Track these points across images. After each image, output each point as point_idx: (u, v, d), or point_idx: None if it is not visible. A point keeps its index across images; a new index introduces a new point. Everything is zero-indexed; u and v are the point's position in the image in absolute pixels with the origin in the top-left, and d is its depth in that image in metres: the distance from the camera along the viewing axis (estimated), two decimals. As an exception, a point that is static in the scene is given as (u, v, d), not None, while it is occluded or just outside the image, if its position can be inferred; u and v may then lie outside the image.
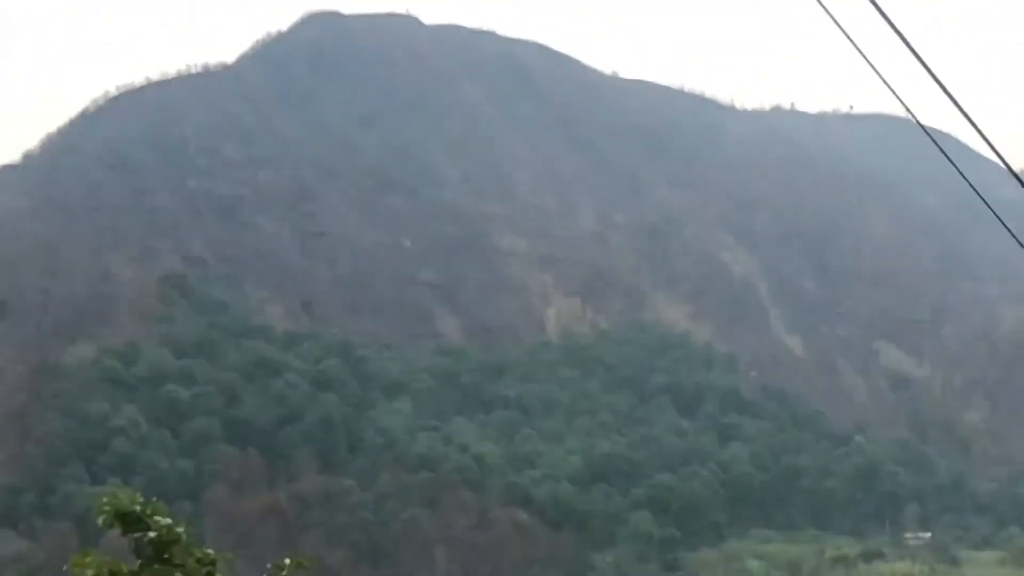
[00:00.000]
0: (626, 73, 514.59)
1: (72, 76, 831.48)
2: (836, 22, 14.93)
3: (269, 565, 19.07)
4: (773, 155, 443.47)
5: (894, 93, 15.72)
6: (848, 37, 15.24)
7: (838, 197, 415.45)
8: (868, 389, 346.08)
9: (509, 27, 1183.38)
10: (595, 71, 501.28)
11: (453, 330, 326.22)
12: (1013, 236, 17.35)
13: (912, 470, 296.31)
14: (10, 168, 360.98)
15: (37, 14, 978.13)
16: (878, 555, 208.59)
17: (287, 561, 19.04)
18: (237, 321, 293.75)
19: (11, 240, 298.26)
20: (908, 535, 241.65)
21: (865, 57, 15.15)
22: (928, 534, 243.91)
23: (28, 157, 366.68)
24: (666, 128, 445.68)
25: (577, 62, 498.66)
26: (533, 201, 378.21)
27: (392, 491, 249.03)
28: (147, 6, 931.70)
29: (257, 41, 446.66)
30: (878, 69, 15.22)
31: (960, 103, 15.06)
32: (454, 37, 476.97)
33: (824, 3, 14.18)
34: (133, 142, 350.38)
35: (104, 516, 19.07)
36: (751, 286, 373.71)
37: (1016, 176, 15.96)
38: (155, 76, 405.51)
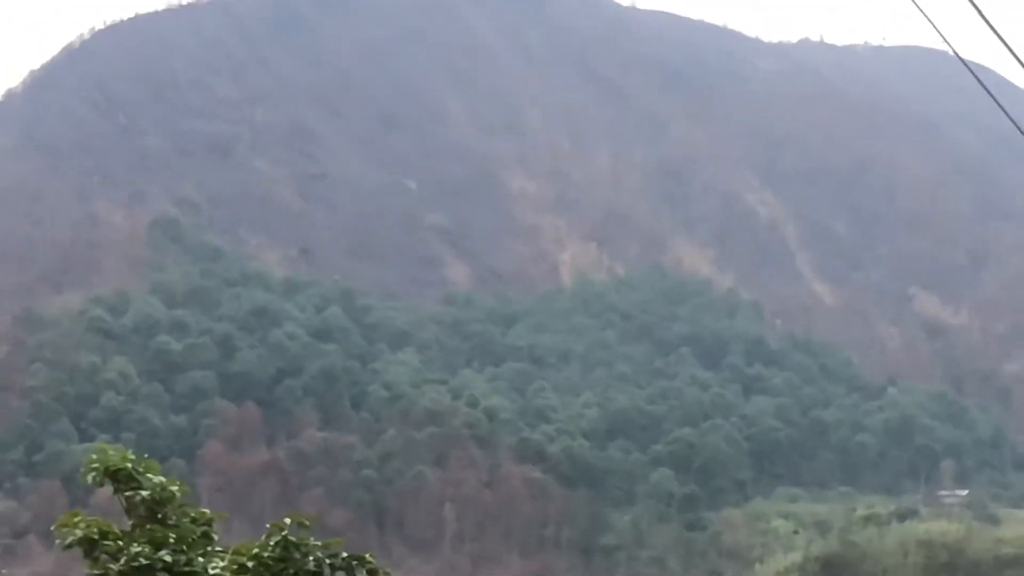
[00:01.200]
0: (644, 3, 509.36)
1: (55, 8, 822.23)
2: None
3: (268, 524, 18.64)
4: (800, 90, 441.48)
5: (931, 22, 14.98)
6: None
7: (869, 135, 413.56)
8: (902, 338, 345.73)
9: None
10: (611, 0, 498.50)
11: (461, 277, 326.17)
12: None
13: (948, 424, 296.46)
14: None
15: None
16: (912, 513, 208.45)
17: (287, 520, 18.61)
18: (232, 268, 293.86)
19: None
20: (943, 493, 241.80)
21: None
22: (965, 491, 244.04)
23: (10, 95, 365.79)
24: (686, 62, 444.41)
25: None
26: (545, 139, 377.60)
27: (398, 447, 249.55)
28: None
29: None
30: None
31: (1000, 32, 14.44)
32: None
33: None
34: (121, 79, 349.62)
35: (93, 474, 18.71)
36: (777, 229, 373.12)
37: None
38: (143, 8, 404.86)
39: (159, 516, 18.36)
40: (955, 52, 16.57)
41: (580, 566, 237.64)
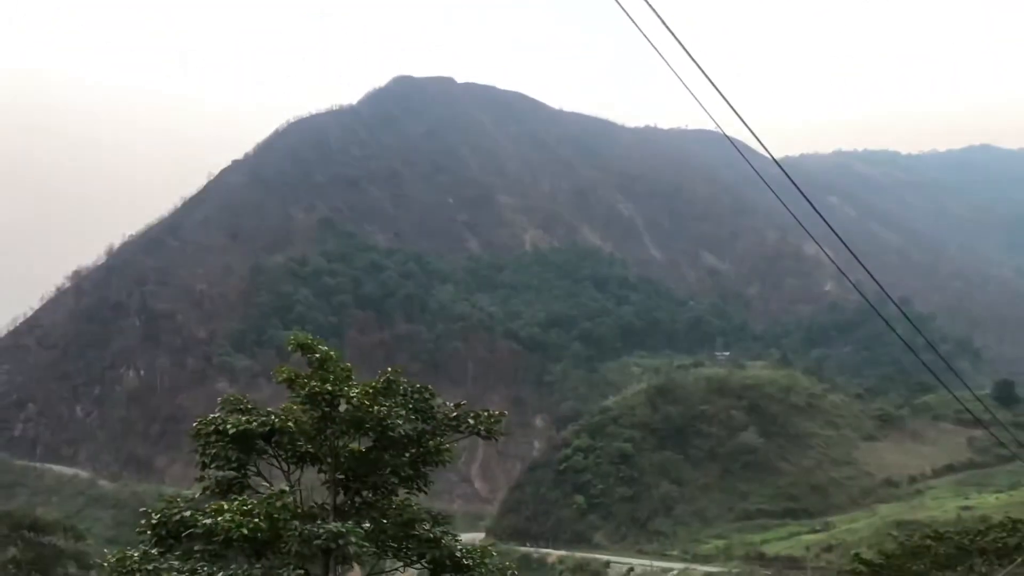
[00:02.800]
0: (567, 107, 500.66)
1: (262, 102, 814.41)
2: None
3: (380, 372, 18.74)
4: (649, 155, 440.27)
5: (699, 102, 14.08)
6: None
7: (681, 178, 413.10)
8: (696, 275, 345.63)
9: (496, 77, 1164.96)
10: (547, 107, 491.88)
11: (475, 247, 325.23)
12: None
13: (720, 319, 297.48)
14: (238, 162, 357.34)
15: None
16: (701, 364, 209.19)
17: (389, 369, 18.75)
18: (360, 243, 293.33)
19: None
20: (717, 354, 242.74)
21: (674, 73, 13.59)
22: (727, 353, 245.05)
23: (246, 156, 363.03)
24: (595, 142, 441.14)
25: (539, 102, 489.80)
26: (520, 178, 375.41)
27: (444, 333, 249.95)
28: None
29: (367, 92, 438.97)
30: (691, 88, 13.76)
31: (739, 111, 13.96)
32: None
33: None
34: (303, 149, 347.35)
35: (291, 345, 18.81)
36: (635, 224, 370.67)
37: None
38: (314, 110, 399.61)
39: (324, 367, 18.49)
40: (721, 129, 15.65)
41: (536, 392, 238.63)
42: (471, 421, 19.16)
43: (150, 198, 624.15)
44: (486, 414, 19.42)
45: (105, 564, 17.13)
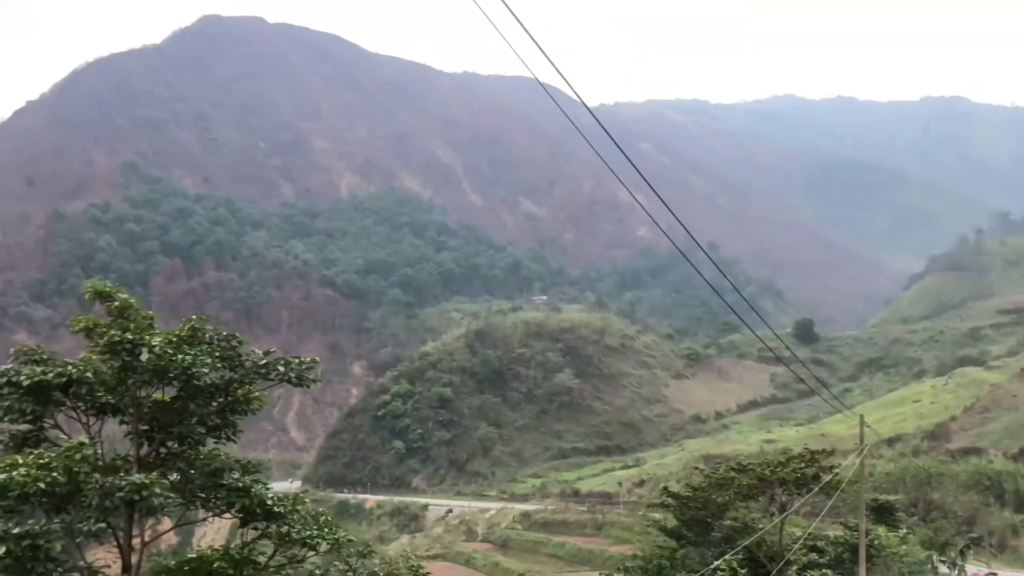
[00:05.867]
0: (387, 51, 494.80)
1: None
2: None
3: (184, 320, 18.38)
4: (465, 103, 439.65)
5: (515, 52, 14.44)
6: None
7: (503, 125, 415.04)
8: (515, 221, 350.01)
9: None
10: (363, 50, 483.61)
11: (289, 192, 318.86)
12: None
13: (538, 264, 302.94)
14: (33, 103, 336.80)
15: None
16: (519, 308, 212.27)
17: (194, 318, 18.41)
18: (167, 188, 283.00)
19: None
20: (535, 298, 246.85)
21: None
22: (545, 297, 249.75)
23: (43, 97, 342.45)
24: (415, 87, 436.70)
25: (355, 44, 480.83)
26: (338, 125, 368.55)
27: (257, 280, 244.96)
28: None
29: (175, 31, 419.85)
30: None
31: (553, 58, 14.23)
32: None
33: None
34: (105, 90, 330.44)
35: (89, 293, 18.24)
36: (455, 171, 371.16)
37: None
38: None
39: (125, 316, 17.97)
40: (536, 77, 15.83)
41: (354, 339, 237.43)
42: (281, 368, 18.96)
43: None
44: (297, 361, 19.31)
45: None
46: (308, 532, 18.11)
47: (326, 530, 18.49)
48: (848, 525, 46.41)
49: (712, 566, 36.05)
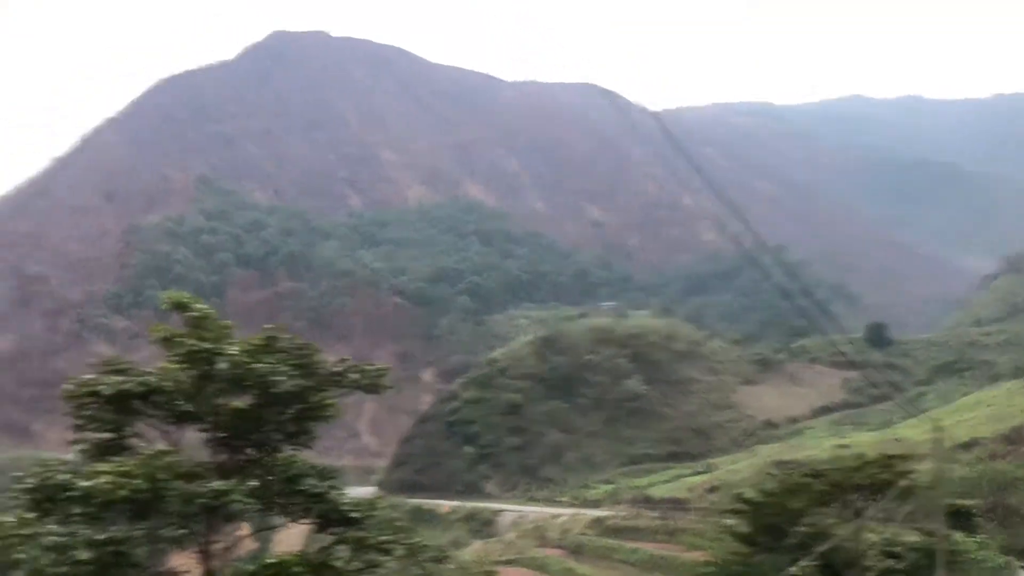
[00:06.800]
0: (436, 59, 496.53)
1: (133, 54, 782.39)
2: None
3: (261, 329, 18.56)
4: (529, 111, 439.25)
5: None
6: None
7: (562, 137, 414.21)
8: (579, 227, 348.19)
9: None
10: (424, 61, 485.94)
11: (357, 203, 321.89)
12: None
13: (604, 270, 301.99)
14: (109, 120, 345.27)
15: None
16: (586, 315, 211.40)
17: (270, 327, 18.58)
18: (240, 201, 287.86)
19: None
20: (602, 305, 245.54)
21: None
22: (613, 303, 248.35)
23: (120, 115, 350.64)
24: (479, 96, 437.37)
25: (416, 56, 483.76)
26: (400, 134, 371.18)
27: (329, 290, 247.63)
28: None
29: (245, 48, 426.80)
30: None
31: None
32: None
33: None
34: (177, 107, 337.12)
35: (166, 304, 18.49)
36: (519, 179, 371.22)
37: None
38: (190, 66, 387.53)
39: (202, 325, 18.18)
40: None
41: (424, 346, 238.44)
42: (354, 376, 19.14)
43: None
44: (369, 368, 19.41)
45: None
46: (384, 537, 18.15)
47: (401, 535, 18.53)
48: (925, 531, 45.25)
49: (787, 572, 35.45)
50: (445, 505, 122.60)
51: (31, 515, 16.15)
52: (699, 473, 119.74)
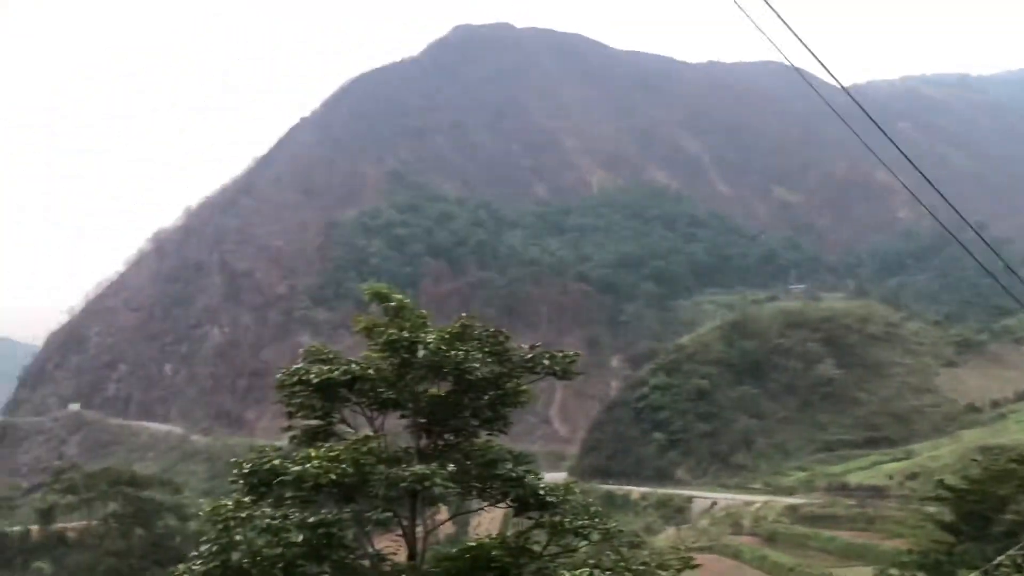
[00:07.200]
0: (617, 44, 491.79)
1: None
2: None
3: (455, 318, 18.93)
4: (715, 91, 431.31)
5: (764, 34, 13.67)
6: None
7: (748, 117, 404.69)
8: (767, 208, 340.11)
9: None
10: (606, 47, 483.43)
11: (542, 191, 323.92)
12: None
13: (793, 251, 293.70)
14: (305, 119, 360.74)
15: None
16: (775, 298, 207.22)
17: (463, 315, 18.93)
18: (430, 193, 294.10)
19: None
20: (792, 287, 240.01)
21: None
22: (803, 285, 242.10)
23: (314, 113, 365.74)
24: (660, 78, 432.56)
25: (598, 42, 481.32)
26: (582, 121, 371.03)
27: (516, 278, 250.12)
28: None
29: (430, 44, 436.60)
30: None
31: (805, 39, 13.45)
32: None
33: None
34: (372, 103, 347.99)
35: (367, 295, 19.16)
36: (702, 161, 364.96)
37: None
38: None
39: (400, 315, 18.69)
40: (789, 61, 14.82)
41: (610, 333, 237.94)
42: (546, 362, 19.29)
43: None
44: (560, 355, 19.52)
45: (201, 514, 17.71)
46: (580, 522, 18.20)
47: (597, 520, 18.52)
48: None
49: (995, 562, 33.69)
50: (636, 491, 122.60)
51: (247, 499, 17.01)
52: (898, 460, 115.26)
